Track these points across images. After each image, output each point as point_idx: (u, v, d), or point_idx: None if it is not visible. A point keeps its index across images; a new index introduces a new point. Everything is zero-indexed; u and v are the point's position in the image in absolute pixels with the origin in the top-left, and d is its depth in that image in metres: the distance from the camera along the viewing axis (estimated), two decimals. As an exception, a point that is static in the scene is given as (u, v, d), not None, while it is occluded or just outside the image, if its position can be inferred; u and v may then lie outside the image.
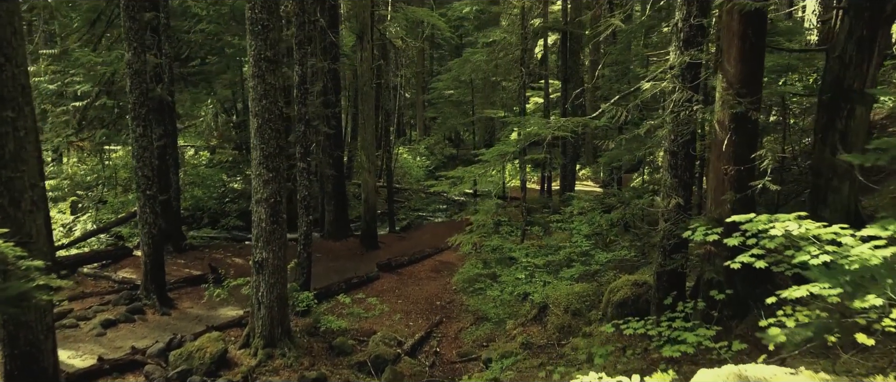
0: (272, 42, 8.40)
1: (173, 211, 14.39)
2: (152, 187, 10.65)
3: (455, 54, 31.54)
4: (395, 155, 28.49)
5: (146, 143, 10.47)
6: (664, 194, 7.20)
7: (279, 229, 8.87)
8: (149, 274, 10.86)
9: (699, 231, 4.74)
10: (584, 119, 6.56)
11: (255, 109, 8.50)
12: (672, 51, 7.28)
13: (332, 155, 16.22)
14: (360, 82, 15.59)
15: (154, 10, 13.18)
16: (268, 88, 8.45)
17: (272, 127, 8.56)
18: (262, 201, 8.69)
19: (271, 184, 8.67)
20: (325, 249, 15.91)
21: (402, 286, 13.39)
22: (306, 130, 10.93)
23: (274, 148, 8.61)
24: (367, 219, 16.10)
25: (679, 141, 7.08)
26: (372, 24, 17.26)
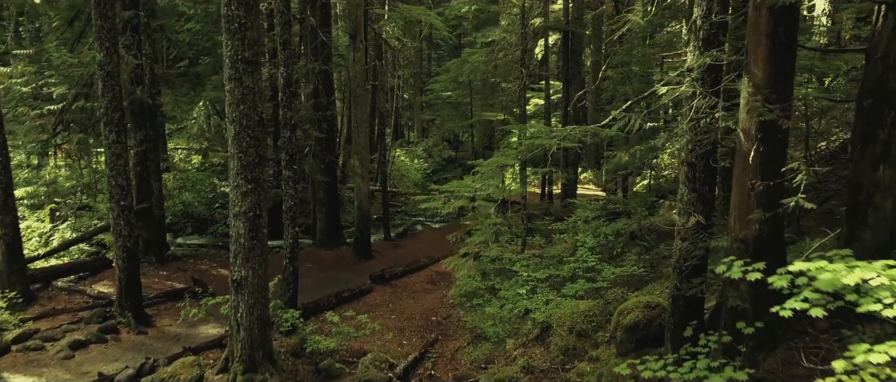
0: (250, 42, 7.70)
1: (155, 220, 13.68)
2: (127, 198, 9.94)
3: (454, 54, 30.84)
4: (392, 158, 27.79)
5: (119, 150, 9.76)
6: (681, 209, 6.50)
7: (259, 245, 8.16)
8: (124, 290, 10.15)
9: (736, 268, 4.03)
10: (592, 128, 5.86)
11: (231, 115, 7.80)
12: (689, 51, 6.58)
13: (323, 160, 15.52)
14: (352, 84, 14.89)
15: (133, 9, 12.47)
16: (246, 92, 7.74)
17: (251, 134, 7.85)
18: (241, 214, 7.99)
19: (250, 196, 7.96)
20: (316, 258, 15.20)
21: (396, 300, 12.68)
22: (292, 136, 10.22)
23: (253, 157, 7.90)
24: (361, 227, 15.40)
25: (698, 151, 6.39)
26: (365, 23, 16.55)
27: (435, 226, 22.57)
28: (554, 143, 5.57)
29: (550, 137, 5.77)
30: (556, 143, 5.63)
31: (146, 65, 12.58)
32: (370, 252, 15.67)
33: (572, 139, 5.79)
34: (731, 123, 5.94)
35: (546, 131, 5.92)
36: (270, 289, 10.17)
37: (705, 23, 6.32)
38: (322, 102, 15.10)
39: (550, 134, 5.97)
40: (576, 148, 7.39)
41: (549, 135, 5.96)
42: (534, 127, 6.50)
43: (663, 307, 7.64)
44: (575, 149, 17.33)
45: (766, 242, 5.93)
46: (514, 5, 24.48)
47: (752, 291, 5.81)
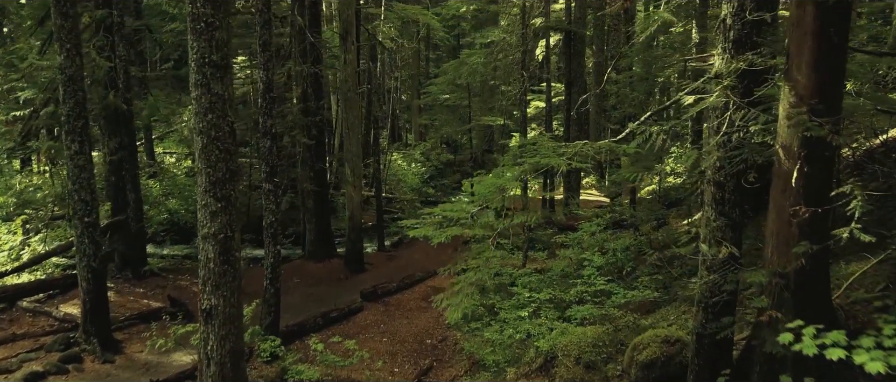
0: (219, 43, 6.85)
1: (132, 233, 12.83)
2: (92, 213, 9.09)
3: (453, 56, 30.01)
4: (388, 161, 26.94)
5: (83, 161, 8.91)
6: (708, 236, 5.66)
7: (231, 270, 7.30)
8: (88, 314, 9.30)
9: (809, 343, 3.18)
10: (606, 143, 5.02)
11: (199, 126, 6.94)
12: (717, 54, 5.74)
13: (313, 168, 14.67)
14: (343, 88, 14.05)
15: (106, 7, 11.62)
16: (215, 100, 6.89)
17: (220, 146, 6.99)
18: (210, 236, 7.13)
19: (221, 216, 7.11)
20: (304, 272, 14.36)
21: (388, 320, 11.84)
22: (272, 146, 9.37)
23: (223, 172, 7.05)
24: (352, 238, 14.56)
25: (727, 170, 5.54)
26: (358, 23, 15.72)
27: (432, 233, 21.75)
28: (563, 163, 4.73)
29: (559, 155, 4.93)
30: (566, 163, 4.79)
31: (120, 68, 11.73)
32: (362, 265, 14.83)
33: (584, 157, 4.96)
34: (769, 137, 5.14)
35: (553, 148, 5.08)
36: (249, 314, 9.33)
37: (737, 21, 5.48)
38: (311, 107, 14.25)
39: (558, 151, 5.12)
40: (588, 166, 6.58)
41: (556, 152, 5.12)
42: (539, 140, 5.64)
43: (684, 342, 6.81)
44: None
45: (809, 279, 5.09)
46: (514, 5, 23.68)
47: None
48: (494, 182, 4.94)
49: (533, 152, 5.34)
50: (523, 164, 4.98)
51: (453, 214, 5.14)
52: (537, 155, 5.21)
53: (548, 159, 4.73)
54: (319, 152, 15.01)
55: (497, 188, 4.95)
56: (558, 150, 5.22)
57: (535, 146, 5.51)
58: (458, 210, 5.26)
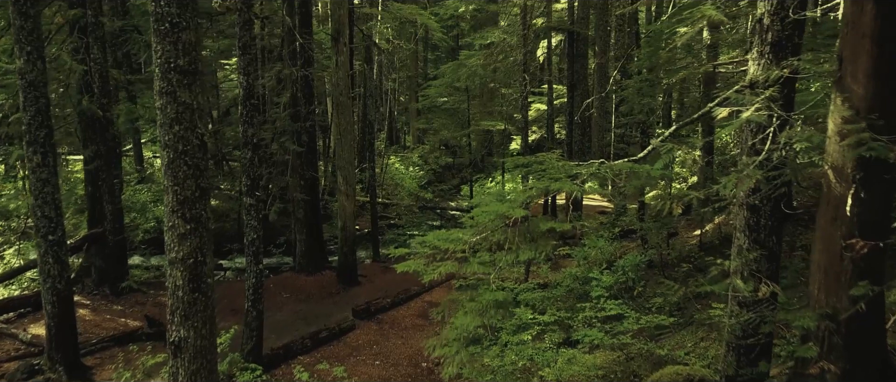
0: (186, 46, 6.11)
1: (111, 246, 12.07)
2: (57, 231, 8.35)
3: (452, 57, 29.26)
4: (385, 165, 26.20)
5: (46, 174, 8.17)
6: (742, 268, 4.93)
7: (202, 298, 6.56)
8: (54, 340, 8.56)
9: None
10: (625, 164, 4.30)
11: (164, 139, 6.20)
12: (751, 59, 5.01)
13: (303, 176, 13.93)
14: (335, 91, 13.32)
15: (80, 7, 10.88)
16: (182, 110, 6.15)
17: (189, 161, 6.26)
18: (178, 261, 6.39)
19: (190, 239, 6.37)
20: (294, 286, 13.60)
21: (381, 340, 11.10)
22: (254, 157, 8.63)
23: (192, 190, 6.31)
24: (345, 250, 13.82)
25: (764, 193, 4.81)
26: (351, 24, 14.99)
27: (430, 240, 21.02)
28: (576, 188, 4.00)
29: (570, 177, 4.19)
30: (579, 188, 4.06)
31: (95, 71, 10.98)
32: (356, 278, 14.08)
33: (600, 178, 4.20)
34: (816, 157, 4.43)
35: (564, 168, 4.34)
36: (225, 341, 8.61)
37: (776, 21, 4.75)
38: (301, 112, 13.51)
39: (569, 171, 4.38)
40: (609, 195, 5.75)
41: (567, 172, 4.38)
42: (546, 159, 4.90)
43: (707, 381, 6.08)
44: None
45: (864, 323, 4.36)
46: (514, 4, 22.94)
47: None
48: (496, 209, 4.21)
49: (539, 171, 4.60)
50: (530, 187, 4.25)
51: (447, 245, 4.41)
52: (545, 177, 4.47)
53: (559, 184, 4.00)
54: (310, 158, 14.27)
55: (498, 216, 4.22)
56: (569, 169, 4.48)
57: (543, 165, 4.77)
58: (454, 240, 4.52)
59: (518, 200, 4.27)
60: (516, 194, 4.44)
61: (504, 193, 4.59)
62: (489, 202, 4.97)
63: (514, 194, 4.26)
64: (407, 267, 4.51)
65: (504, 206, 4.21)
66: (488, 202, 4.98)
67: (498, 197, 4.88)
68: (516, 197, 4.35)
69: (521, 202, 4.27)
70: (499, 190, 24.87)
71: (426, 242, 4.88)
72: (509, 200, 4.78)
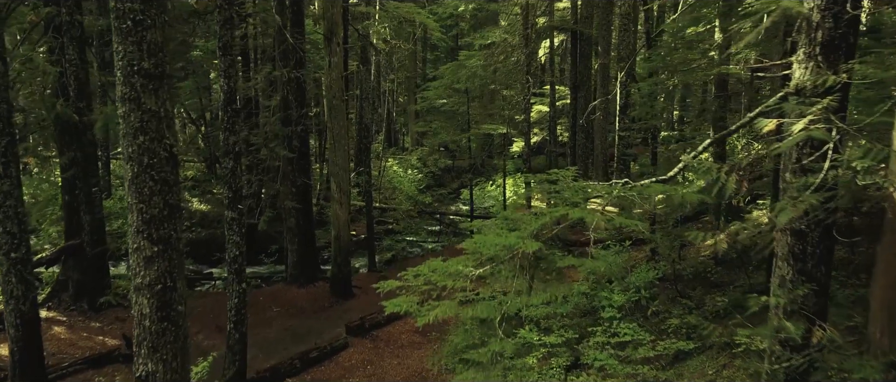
0: (152, 47, 5.44)
1: (89, 258, 11.39)
2: (20, 248, 7.68)
3: (451, 57, 28.58)
4: (383, 168, 25.52)
5: (8, 186, 7.50)
6: (788, 305, 4.25)
7: (172, 328, 5.89)
8: (17, 365, 7.89)
9: None
10: (656, 186, 3.60)
11: (128, 151, 5.54)
12: (796, 62, 4.34)
13: (295, 183, 13.24)
14: (328, 94, 12.64)
15: (54, 4, 10.20)
16: (147, 118, 5.48)
17: (155, 176, 5.59)
18: (144, 287, 5.72)
19: (158, 262, 5.70)
20: (285, 300, 12.92)
21: (376, 359, 10.42)
22: (236, 167, 7.94)
23: (160, 208, 5.64)
24: (339, 261, 13.13)
25: (812, 217, 4.13)
26: (346, 23, 14.31)
27: (429, 245, 20.35)
28: (596, 217, 3.33)
29: (588, 203, 3.52)
30: (602, 217, 3.39)
31: (71, 73, 10.30)
32: (350, 289, 13.40)
33: (626, 204, 3.55)
34: (880, 177, 3.78)
35: (583, 191, 3.66)
36: (207, 367, 7.93)
37: (827, 18, 4.08)
38: (292, 116, 12.84)
39: (589, 194, 3.70)
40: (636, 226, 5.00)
41: (585, 194, 3.71)
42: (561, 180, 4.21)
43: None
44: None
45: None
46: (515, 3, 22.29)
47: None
48: (502, 242, 3.53)
49: (552, 191, 3.93)
50: (542, 212, 3.57)
51: (444, 280, 3.74)
52: (559, 198, 3.80)
53: (578, 212, 3.32)
54: (302, 164, 13.59)
55: (505, 249, 3.54)
56: (586, 191, 3.79)
57: (556, 184, 4.09)
58: (452, 275, 3.85)
59: (528, 228, 3.59)
60: (526, 221, 3.77)
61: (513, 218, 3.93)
62: (493, 228, 4.30)
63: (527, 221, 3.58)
64: (397, 306, 3.84)
65: (511, 237, 3.54)
66: (492, 228, 4.30)
67: (503, 222, 4.19)
68: (526, 225, 3.67)
69: (532, 232, 3.60)
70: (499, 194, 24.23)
71: (421, 274, 4.22)
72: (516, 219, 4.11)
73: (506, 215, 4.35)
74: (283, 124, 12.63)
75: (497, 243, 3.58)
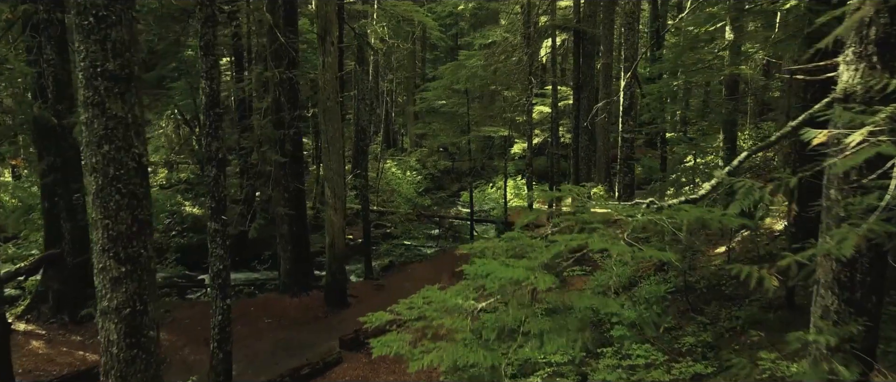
0: (117, 46, 4.91)
1: (70, 268, 10.85)
2: (-13, 262, 7.12)
3: (451, 57, 28.04)
4: (382, 169, 24.99)
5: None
6: (833, 341, 3.71)
7: (143, 355, 5.37)
8: (-15, 389, 7.34)
9: None
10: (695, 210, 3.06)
11: (91, 161, 5.01)
12: (844, 63, 3.81)
13: (288, 188, 12.70)
14: (321, 95, 12.10)
15: (32, 2, 9.66)
16: (112, 125, 4.95)
17: (123, 189, 5.06)
18: (111, 311, 5.20)
19: (126, 283, 5.17)
20: (277, 310, 12.39)
21: (371, 375, 9.90)
22: (219, 176, 7.41)
23: (128, 224, 5.11)
24: (333, 269, 12.61)
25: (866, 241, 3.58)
26: (341, 22, 13.77)
27: (428, 250, 19.82)
28: (624, 250, 2.80)
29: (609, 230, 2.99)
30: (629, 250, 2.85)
31: (49, 73, 9.77)
32: (345, 299, 12.87)
33: (656, 232, 3.03)
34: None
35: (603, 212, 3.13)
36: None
37: (883, 12, 3.54)
38: (285, 118, 12.30)
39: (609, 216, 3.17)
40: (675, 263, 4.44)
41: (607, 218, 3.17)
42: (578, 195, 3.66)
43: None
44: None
45: None
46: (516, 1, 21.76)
47: None
48: (509, 274, 3.01)
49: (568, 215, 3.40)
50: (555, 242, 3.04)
51: (441, 318, 3.22)
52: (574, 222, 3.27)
53: (600, 241, 2.79)
54: (296, 169, 13.05)
55: (512, 283, 3.02)
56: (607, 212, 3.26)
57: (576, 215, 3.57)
58: (451, 310, 3.33)
59: (538, 256, 3.06)
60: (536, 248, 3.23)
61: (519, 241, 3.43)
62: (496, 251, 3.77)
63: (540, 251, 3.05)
64: (386, 347, 3.32)
65: (519, 268, 3.01)
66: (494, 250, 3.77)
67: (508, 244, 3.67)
68: (537, 254, 3.14)
69: (544, 262, 3.07)
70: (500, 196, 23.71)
71: (414, 305, 3.70)
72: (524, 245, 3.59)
73: (511, 235, 3.81)
74: (275, 127, 12.10)
75: (502, 276, 3.05)
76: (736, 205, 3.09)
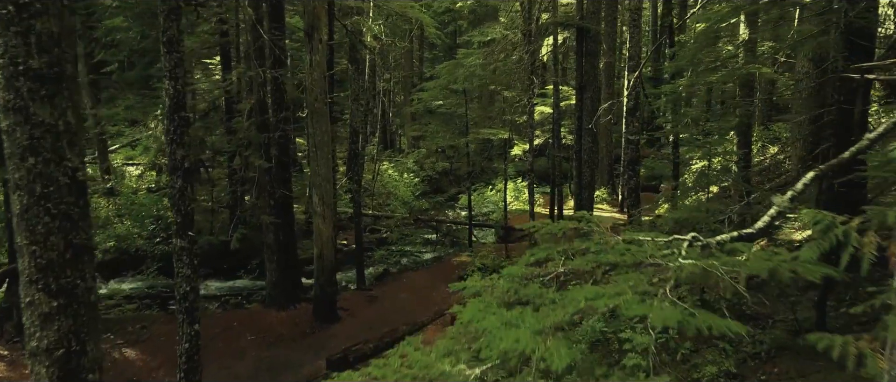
0: (44, 40, 4.14)
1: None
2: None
3: (450, 55, 27.27)
4: (377, 171, 24.22)
5: None
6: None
7: (81, 403, 4.58)
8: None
9: None
10: (759, 255, 2.28)
11: (14, 177, 4.23)
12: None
13: (273, 195, 11.93)
14: (309, 96, 11.31)
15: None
16: (39, 134, 4.18)
17: (54, 210, 4.28)
18: (41, 353, 4.42)
19: (59, 320, 4.40)
20: (261, 325, 11.61)
21: (359, 400, 9.09)
22: (185, 187, 6.63)
23: (60, 250, 4.34)
24: (322, 281, 11.83)
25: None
26: (330, 17, 12.99)
27: (426, 256, 19.05)
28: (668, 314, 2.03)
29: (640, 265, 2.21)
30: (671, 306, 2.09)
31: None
32: (335, 312, 12.10)
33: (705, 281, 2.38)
34: None
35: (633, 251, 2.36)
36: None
37: None
38: (270, 121, 11.52)
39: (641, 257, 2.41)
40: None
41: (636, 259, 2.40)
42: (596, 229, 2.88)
43: None
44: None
45: None
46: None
47: None
48: (513, 343, 2.23)
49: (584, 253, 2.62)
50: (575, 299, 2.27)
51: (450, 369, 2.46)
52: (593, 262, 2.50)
53: (637, 304, 2.02)
54: (282, 174, 12.27)
55: (516, 354, 2.25)
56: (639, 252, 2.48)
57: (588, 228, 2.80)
58: (440, 377, 2.57)
59: (551, 316, 2.29)
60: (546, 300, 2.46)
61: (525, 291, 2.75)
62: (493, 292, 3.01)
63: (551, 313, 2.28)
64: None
65: (525, 334, 2.25)
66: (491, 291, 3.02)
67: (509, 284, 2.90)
68: (548, 311, 2.37)
69: (557, 323, 2.30)
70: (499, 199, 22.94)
71: (389, 366, 2.93)
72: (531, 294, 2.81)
73: (513, 272, 3.06)
74: (259, 130, 11.33)
75: (502, 343, 2.27)
76: (812, 248, 2.31)
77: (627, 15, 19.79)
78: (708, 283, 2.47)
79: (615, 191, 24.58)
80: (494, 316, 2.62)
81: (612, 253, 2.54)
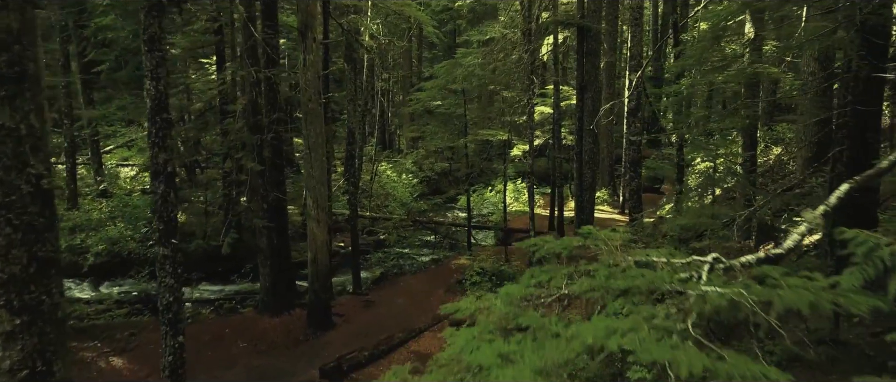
0: (1, 37, 3.81)
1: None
2: None
3: (449, 55, 26.96)
4: (375, 172, 23.91)
5: None
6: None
7: (47, 428, 4.26)
8: None
9: None
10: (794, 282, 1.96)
11: (-28, 185, 3.90)
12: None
13: (266, 198, 11.61)
14: (303, 96, 11.00)
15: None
16: (0, 138, 3.86)
17: (16, 222, 3.97)
18: (4, 374, 4.11)
19: (22, 339, 4.09)
20: (254, 332, 11.30)
21: (353, 412, 8.81)
22: (167, 192, 6.32)
23: (23, 264, 4.02)
24: (316, 287, 11.52)
25: None
26: (325, 16, 12.67)
27: (424, 259, 18.72)
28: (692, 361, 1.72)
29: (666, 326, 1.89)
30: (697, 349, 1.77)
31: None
32: (329, 319, 11.79)
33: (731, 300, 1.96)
34: None
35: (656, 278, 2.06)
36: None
37: None
38: (263, 122, 11.21)
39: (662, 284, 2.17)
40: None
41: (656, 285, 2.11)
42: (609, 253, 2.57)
43: None
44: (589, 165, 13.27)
45: None
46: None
47: None
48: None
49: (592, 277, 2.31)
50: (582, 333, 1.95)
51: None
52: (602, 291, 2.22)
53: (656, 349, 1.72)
54: (275, 177, 11.95)
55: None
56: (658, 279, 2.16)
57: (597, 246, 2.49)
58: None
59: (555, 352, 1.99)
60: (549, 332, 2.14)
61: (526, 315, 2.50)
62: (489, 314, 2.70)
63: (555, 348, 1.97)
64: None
65: (525, 371, 1.93)
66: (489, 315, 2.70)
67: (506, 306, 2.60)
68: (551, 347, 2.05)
69: (562, 363, 1.98)
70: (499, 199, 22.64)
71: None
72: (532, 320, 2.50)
73: (511, 291, 2.76)
74: (251, 132, 11.01)
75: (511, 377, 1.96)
76: (854, 274, 2.00)
77: (628, 14, 19.53)
78: (736, 318, 2.16)
79: (616, 192, 24.26)
80: (489, 348, 2.31)
81: (623, 279, 2.22)
